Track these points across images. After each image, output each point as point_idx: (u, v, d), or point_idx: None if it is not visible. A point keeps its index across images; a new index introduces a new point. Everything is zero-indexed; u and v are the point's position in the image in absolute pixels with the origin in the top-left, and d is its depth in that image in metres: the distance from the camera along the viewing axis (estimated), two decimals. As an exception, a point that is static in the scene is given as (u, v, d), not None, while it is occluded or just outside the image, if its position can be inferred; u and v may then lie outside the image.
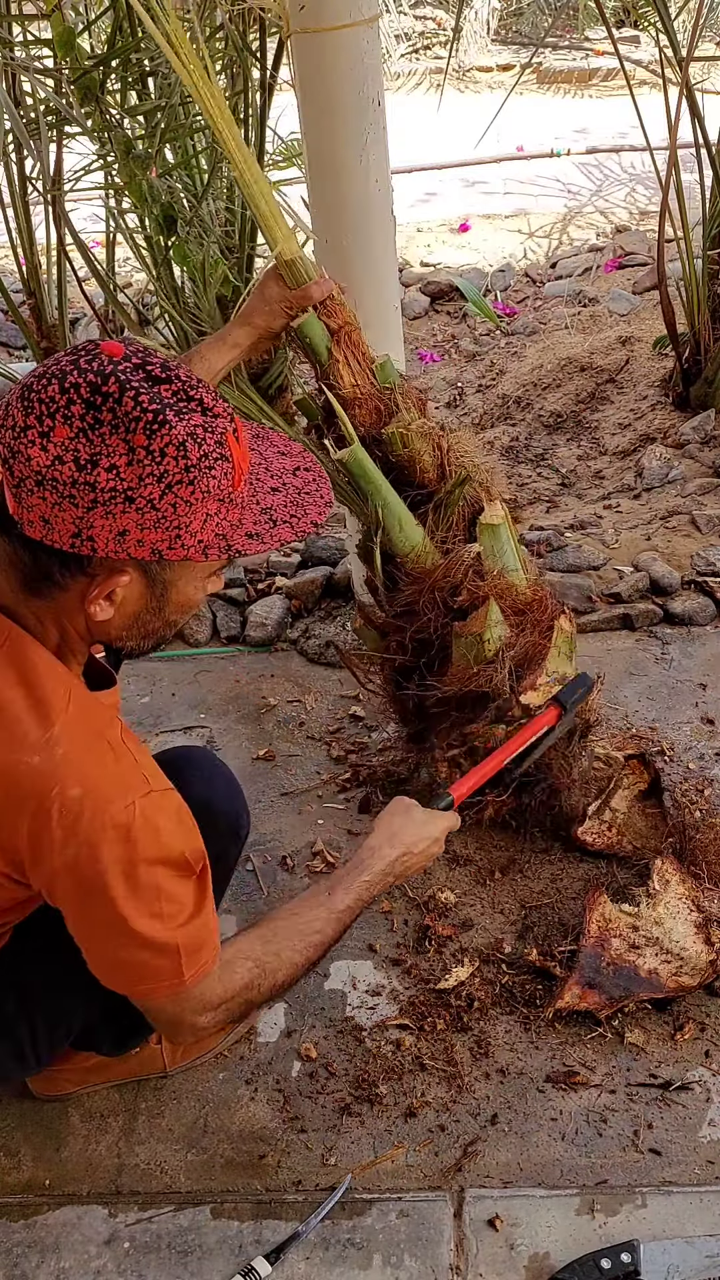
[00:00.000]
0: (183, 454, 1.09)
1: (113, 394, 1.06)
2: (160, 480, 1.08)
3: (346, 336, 1.70)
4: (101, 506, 1.08)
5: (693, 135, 2.99)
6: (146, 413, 1.07)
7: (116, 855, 1.16)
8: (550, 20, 7.25)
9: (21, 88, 2.76)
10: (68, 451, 1.06)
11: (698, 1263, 1.40)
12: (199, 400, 1.12)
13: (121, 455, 1.07)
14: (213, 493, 1.13)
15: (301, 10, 1.84)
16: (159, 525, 1.10)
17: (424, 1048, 1.69)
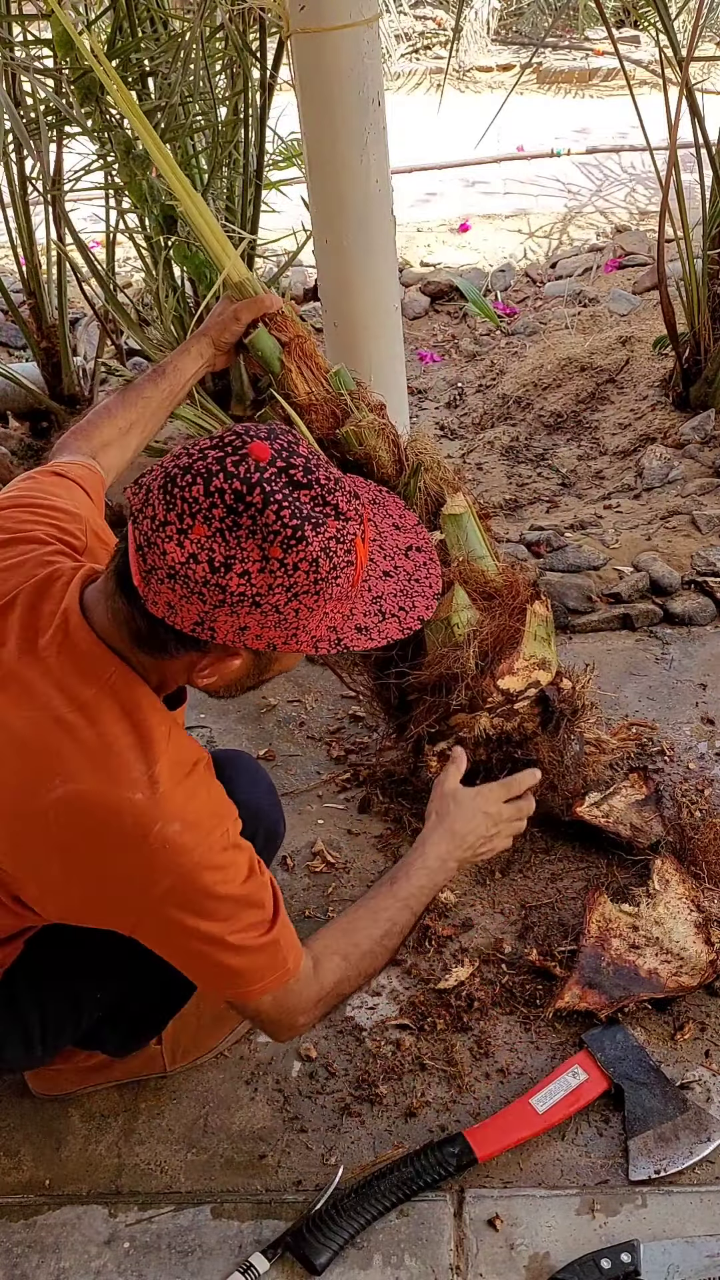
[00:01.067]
0: (314, 569, 1.12)
1: (256, 504, 1.09)
2: (289, 590, 1.12)
3: (298, 348, 1.79)
4: (228, 606, 1.12)
5: (693, 135, 2.99)
6: (287, 528, 1.09)
7: (214, 880, 1.22)
8: (550, 20, 7.25)
9: (21, 88, 2.76)
10: (203, 550, 1.09)
11: (698, 1263, 1.40)
12: (335, 505, 1.14)
13: (255, 562, 1.10)
14: (335, 598, 1.17)
15: (301, 10, 1.85)
16: (279, 626, 1.15)
17: (424, 1048, 1.69)
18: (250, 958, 1.28)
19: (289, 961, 1.32)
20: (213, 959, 1.27)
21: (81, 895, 1.26)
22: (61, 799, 1.18)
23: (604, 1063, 1.57)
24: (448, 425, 3.71)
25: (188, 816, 1.21)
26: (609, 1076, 1.56)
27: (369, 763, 2.20)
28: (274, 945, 1.29)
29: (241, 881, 1.26)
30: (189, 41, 2.50)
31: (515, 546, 2.75)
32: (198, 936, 1.25)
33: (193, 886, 1.21)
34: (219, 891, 1.23)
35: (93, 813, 1.19)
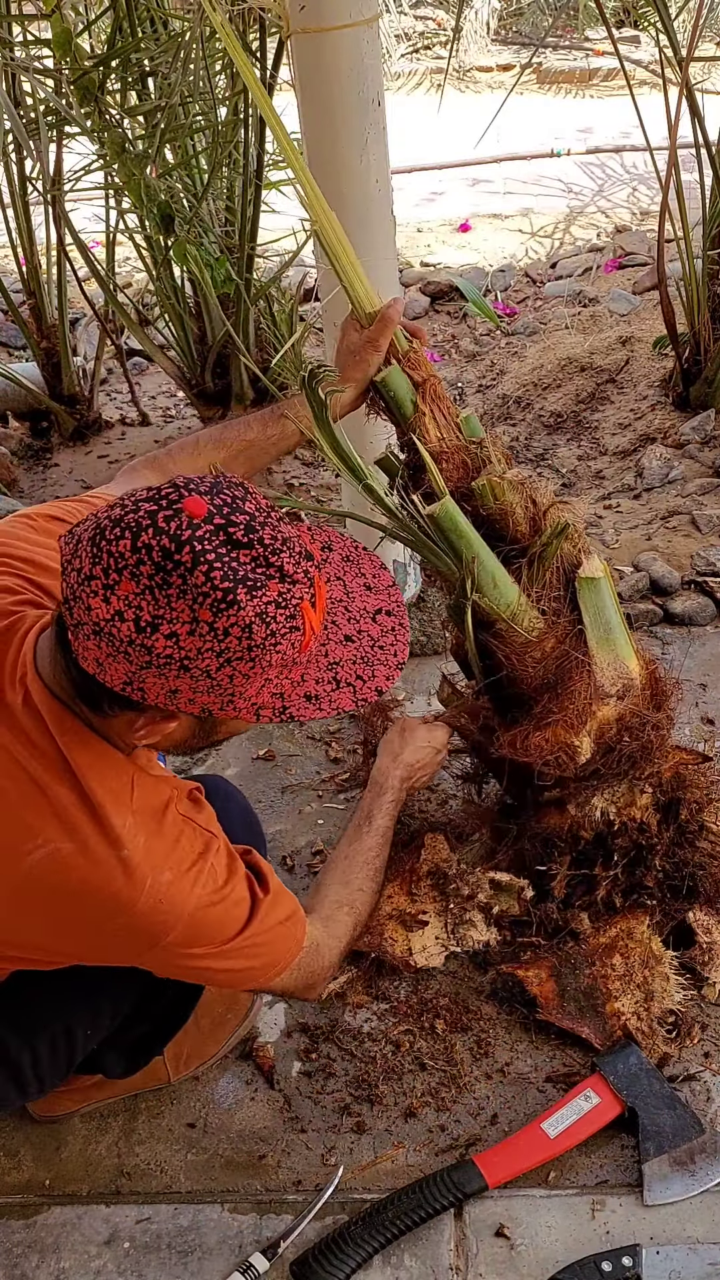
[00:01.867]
0: (248, 635, 1.05)
1: (185, 563, 1.02)
2: (220, 655, 1.06)
3: (431, 389, 1.63)
4: (155, 668, 1.06)
5: (693, 135, 2.99)
6: (217, 590, 1.03)
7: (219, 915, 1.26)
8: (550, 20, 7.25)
9: (21, 88, 2.76)
10: (129, 608, 1.03)
11: (700, 1269, 1.40)
12: (279, 567, 1.07)
13: (184, 624, 1.03)
14: (275, 665, 1.10)
15: (301, 10, 1.84)
16: (212, 691, 1.09)
17: (424, 1048, 1.68)
18: (262, 955, 1.32)
19: (298, 938, 1.38)
20: (227, 972, 1.33)
21: (75, 951, 1.26)
22: (41, 861, 1.16)
23: (617, 1086, 1.55)
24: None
25: (174, 864, 1.20)
26: (622, 1100, 1.54)
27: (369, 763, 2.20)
28: (281, 934, 1.34)
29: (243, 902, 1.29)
30: (189, 41, 2.50)
31: (515, 546, 2.75)
32: (210, 960, 1.28)
33: (199, 927, 1.24)
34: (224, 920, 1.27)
35: (74, 877, 1.17)
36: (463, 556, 1.58)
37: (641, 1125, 1.52)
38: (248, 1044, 1.71)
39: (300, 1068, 1.68)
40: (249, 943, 1.30)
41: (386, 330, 1.58)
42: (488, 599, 1.61)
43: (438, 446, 1.63)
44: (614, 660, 1.67)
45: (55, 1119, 1.63)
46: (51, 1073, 1.42)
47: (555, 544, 1.63)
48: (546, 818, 1.73)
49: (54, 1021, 1.36)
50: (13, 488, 3.24)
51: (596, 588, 1.66)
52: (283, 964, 1.37)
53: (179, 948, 1.24)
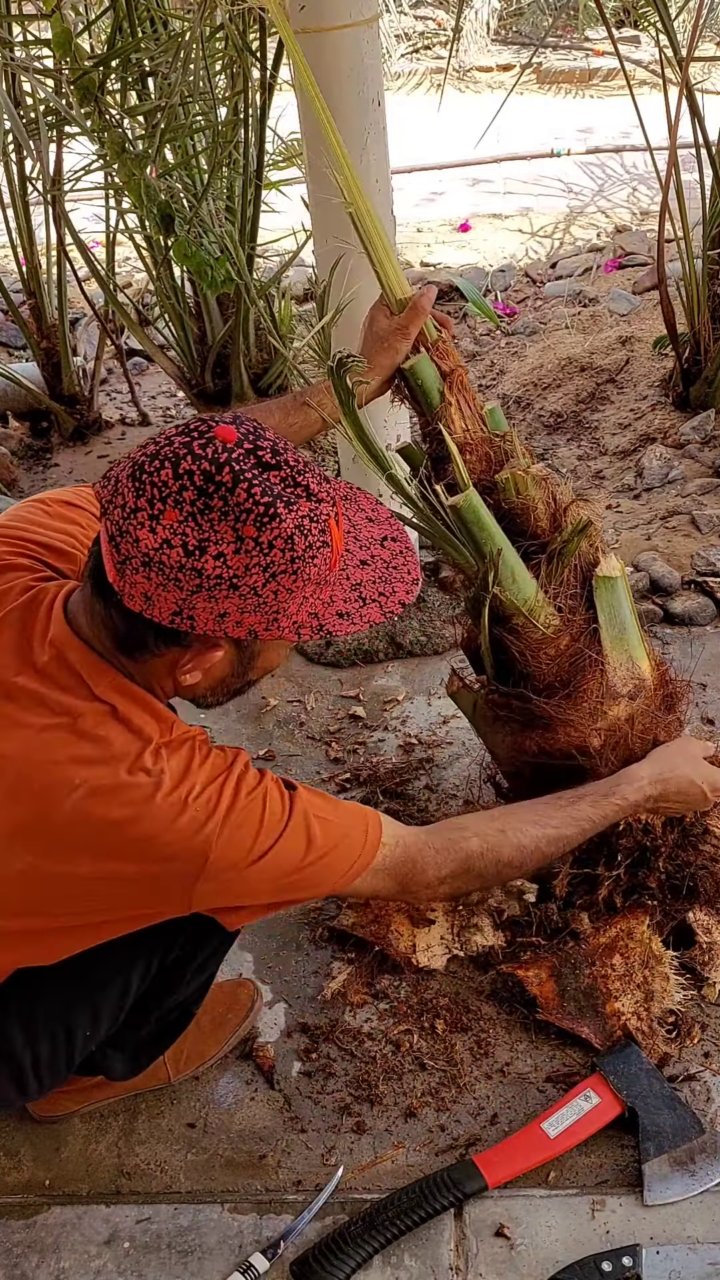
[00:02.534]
0: (289, 547, 1.11)
1: (226, 483, 1.08)
2: (266, 570, 1.11)
3: (458, 380, 1.63)
4: (206, 591, 1.10)
5: (693, 135, 2.99)
6: (259, 505, 1.09)
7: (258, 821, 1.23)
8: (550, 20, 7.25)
9: (21, 88, 2.76)
10: (176, 535, 1.08)
11: (700, 1270, 1.40)
12: (305, 487, 1.13)
13: (230, 544, 1.09)
14: (312, 579, 1.16)
15: (301, 10, 1.85)
16: (259, 610, 1.14)
17: (424, 1048, 1.69)
18: (321, 849, 1.27)
19: (367, 830, 1.32)
20: (289, 877, 1.27)
21: (130, 894, 1.23)
22: (82, 800, 1.17)
23: (617, 1086, 1.55)
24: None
25: (204, 778, 1.21)
26: (623, 1100, 1.54)
27: (369, 763, 2.20)
28: (341, 824, 1.30)
29: (278, 799, 1.25)
30: (189, 41, 2.50)
31: (515, 546, 2.75)
32: (266, 866, 1.24)
33: (240, 828, 1.20)
34: (263, 815, 1.23)
35: (116, 805, 1.17)
36: (484, 549, 1.58)
37: (641, 1125, 1.52)
38: (248, 1044, 1.71)
39: (300, 1068, 1.68)
40: (298, 837, 1.25)
41: (418, 318, 1.59)
42: (507, 593, 1.61)
43: (463, 438, 1.63)
44: (627, 660, 1.67)
45: (55, 1119, 1.63)
46: (51, 1073, 1.41)
47: (575, 541, 1.63)
48: None
49: (56, 1021, 1.36)
50: (13, 487, 3.24)
51: (613, 587, 1.65)
52: (356, 864, 1.31)
53: (229, 864, 1.21)
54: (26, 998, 1.33)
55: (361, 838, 1.32)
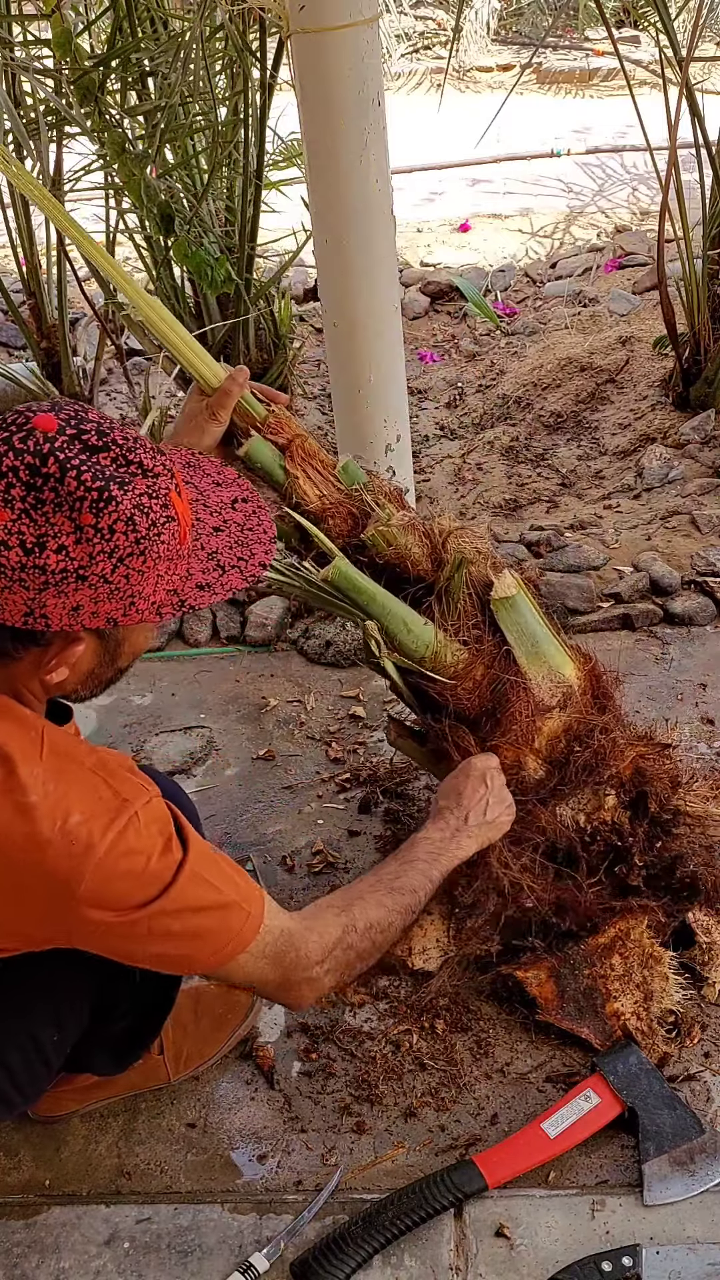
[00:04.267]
0: (131, 528, 1.08)
1: (54, 474, 1.05)
2: (111, 555, 1.08)
3: (299, 449, 1.61)
4: (53, 587, 1.07)
5: (693, 135, 2.99)
6: (91, 491, 1.06)
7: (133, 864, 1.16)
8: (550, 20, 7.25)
9: (21, 88, 2.76)
10: (12, 536, 1.05)
11: (700, 1270, 1.40)
12: (139, 463, 1.11)
13: (69, 535, 1.06)
14: (163, 556, 1.13)
15: (301, 10, 1.85)
16: (113, 597, 1.11)
17: (424, 1048, 1.69)
18: (200, 925, 1.22)
19: (251, 913, 1.26)
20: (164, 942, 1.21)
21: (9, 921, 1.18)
22: None
23: (617, 1086, 1.55)
24: (448, 425, 3.71)
25: (85, 809, 1.14)
26: (623, 1100, 1.54)
27: (369, 763, 2.20)
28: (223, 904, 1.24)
29: (169, 858, 1.19)
30: (189, 41, 2.50)
31: (515, 546, 2.75)
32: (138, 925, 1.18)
33: (113, 878, 1.14)
34: (143, 873, 1.16)
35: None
36: (370, 610, 1.57)
37: (641, 1125, 1.52)
38: (248, 1044, 1.71)
39: (300, 1068, 1.68)
40: (178, 905, 1.19)
41: (227, 400, 1.57)
42: (404, 644, 1.60)
43: (319, 504, 1.61)
44: (548, 672, 1.67)
45: (55, 1119, 1.63)
46: (30, 1082, 1.37)
47: (459, 576, 1.62)
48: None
49: (17, 1030, 1.32)
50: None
51: (512, 606, 1.64)
52: (232, 943, 1.24)
53: (95, 907, 1.14)
54: None
55: (240, 915, 1.25)
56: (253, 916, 1.27)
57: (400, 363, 2.25)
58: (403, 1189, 1.47)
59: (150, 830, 1.18)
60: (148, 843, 1.17)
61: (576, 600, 2.55)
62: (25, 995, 1.30)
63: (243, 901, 1.26)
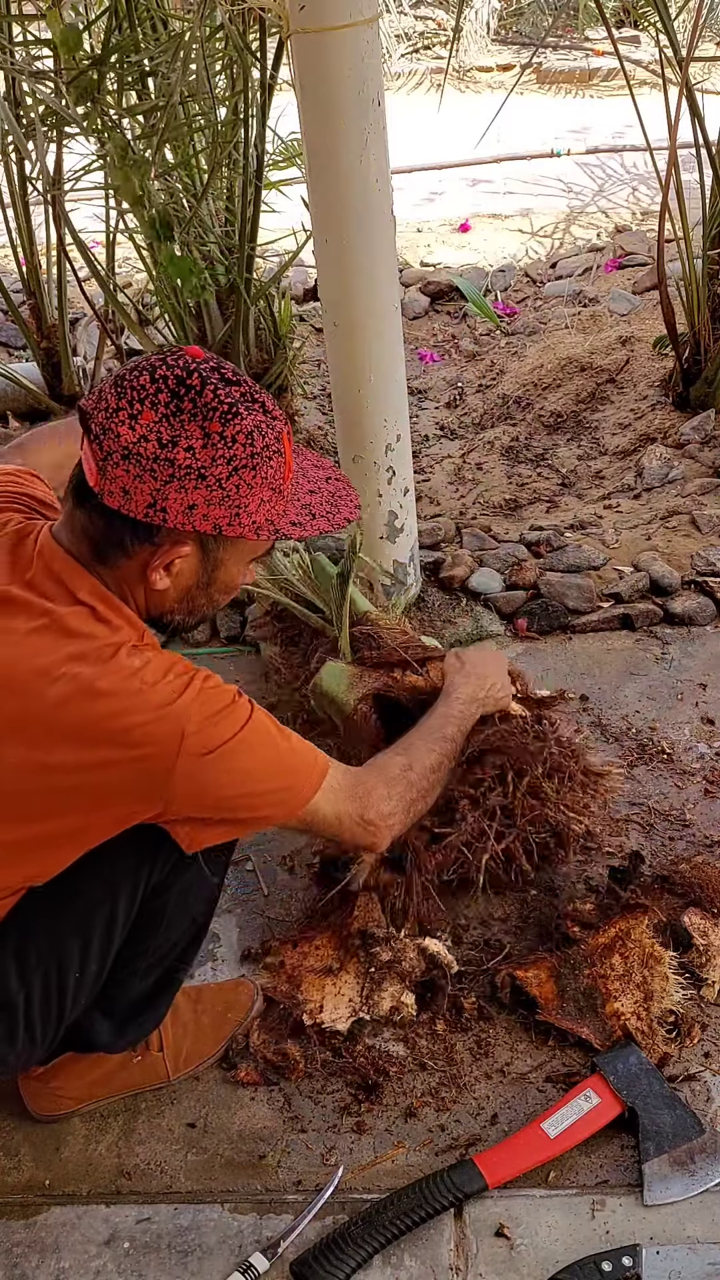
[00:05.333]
0: (249, 442, 1.26)
1: (195, 387, 1.24)
2: (230, 463, 1.25)
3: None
4: (177, 481, 1.24)
5: (693, 135, 2.99)
6: (223, 404, 1.24)
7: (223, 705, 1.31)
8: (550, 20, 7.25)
9: (21, 88, 2.76)
10: (152, 432, 1.22)
11: (700, 1270, 1.40)
12: (262, 404, 1.29)
13: (198, 439, 1.23)
14: (269, 480, 1.29)
15: (301, 10, 1.84)
16: (224, 502, 1.27)
17: (424, 1047, 1.69)
18: (288, 756, 1.37)
19: (316, 753, 1.42)
20: (261, 778, 1.34)
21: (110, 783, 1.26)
22: (63, 691, 1.23)
23: (617, 1086, 1.55)
24: (448, 425, 3.71)
25: (180, 671, 1.29)
26: (623, 1100, 1.54)
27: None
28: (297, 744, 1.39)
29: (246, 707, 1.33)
30: (189, 41, 2.50)
31: (515, 546, 2.75)
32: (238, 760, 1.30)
33: (209, 709, 1.28)
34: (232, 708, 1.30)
35: (95, 691, 1.23)
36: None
37: (641, 1125, 1.52)
38: (248, 1044, 1.71)
39: (300, 1068, 1.68)
40: (260, 736, 1.33)
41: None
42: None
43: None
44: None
45: (55, 1119, 1.63)
46: (44, 1019, 1.39)
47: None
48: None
49: (48, 956, 1.36)
50: (13, 488, 3.23)
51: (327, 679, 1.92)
52: (313, 775, 1.40)
53: (202, 746, 1.26)
54: (17, 934, 1.34)
55: (313, 756, 1.42)
56: (321, 757, 1.42)
57: (400, 363, 2.24)
58: (403, 1189, 1.47)
59: (225, 687, 1.33)
60: (225, 690, 1.33)
61: (576, 600, 2.55)
62: (58, 923, 1.35)
63: (308, 749, 1.42)
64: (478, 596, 2.59)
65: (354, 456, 2.29)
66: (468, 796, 1.78)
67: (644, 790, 2.10)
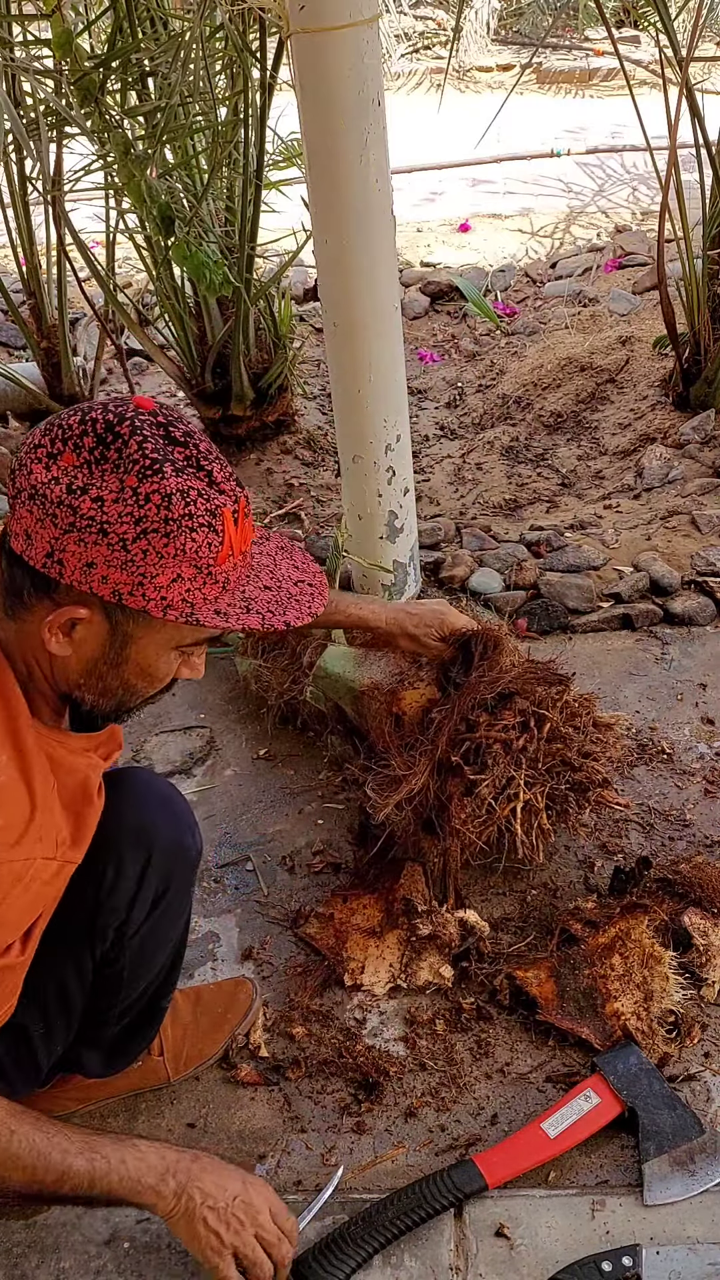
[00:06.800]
0: (166, 505, 1.10)
1: (123, 435, 1.10)
2: (137, 523, 1.10)
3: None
4: (77, 532, 1.10)
5: (693, 135, 2.99)
6: (146, 459, 1.10)
7: None
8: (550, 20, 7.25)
9: (21, 88, 2.76)
10: (65, 475, 1.10)
11: (700, 1270, 1.40)
12: (209, 472, 1.14)
13: (111, 491, 1.10)
14: (188, 556, 1.13)
15: (301, 10, 1.84)
16: (125, 567, 1.11)
17: (424, 1047, 1.68)
18: None
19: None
20: None
21: None
22: None
23: (617, 1086, 1.55)
24: (448, 425, 3.71)
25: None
26: (623, 1100, 1.54)
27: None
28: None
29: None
30: (189, 41, 2.50)
31: (515, 546, 2.75)
32: None
33: None
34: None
35: None
36: None
37: (641, 1125, 1.52)
38: (248, 1044, 1.71)
39: (301, 1068, 1.68)
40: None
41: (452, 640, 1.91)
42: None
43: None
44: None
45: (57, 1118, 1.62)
46: (19, 1073, 1.39)
47: None
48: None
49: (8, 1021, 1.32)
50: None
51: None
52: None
53: None
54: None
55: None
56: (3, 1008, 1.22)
57: (400, 363, 2.24)
58: (403, 1189, 1.47)
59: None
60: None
61: (576, 600, 2.55)
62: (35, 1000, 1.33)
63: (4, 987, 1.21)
64: (478, 596, 2.59)
65: (354, 456, 2.29)
66: (499, 741, 1.78)
67: (644, 790, 2.10)
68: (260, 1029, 1.71)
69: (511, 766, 1.77)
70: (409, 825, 1.81)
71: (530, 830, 1.78)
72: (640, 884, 1.83)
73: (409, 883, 1.84)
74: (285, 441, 3.39)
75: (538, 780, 1.78)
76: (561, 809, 1.81)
